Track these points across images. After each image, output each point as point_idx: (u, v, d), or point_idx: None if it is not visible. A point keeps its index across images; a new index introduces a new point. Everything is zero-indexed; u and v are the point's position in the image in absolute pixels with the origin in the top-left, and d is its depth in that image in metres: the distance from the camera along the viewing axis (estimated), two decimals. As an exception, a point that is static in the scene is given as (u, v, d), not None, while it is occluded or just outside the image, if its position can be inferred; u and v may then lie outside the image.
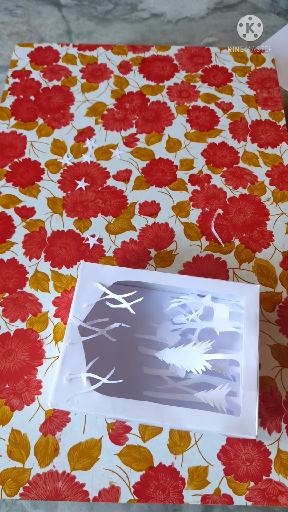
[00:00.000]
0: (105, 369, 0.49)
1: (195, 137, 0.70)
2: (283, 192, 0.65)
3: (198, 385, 0.51)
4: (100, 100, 0.74)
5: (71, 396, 0.45)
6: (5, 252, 0.60)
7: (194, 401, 0.49)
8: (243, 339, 0.48)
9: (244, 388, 0.45)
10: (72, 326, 0.49)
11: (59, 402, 0.45)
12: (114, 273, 0.52)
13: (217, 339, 0.53)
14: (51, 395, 0.45)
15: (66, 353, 0.47)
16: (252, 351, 0.47)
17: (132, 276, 0.51)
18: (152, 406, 0.45)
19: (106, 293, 0.51)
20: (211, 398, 0.47)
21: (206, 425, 0.44)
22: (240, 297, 0.51)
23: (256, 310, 0.49)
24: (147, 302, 0.55)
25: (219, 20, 0.89)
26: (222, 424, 0.44)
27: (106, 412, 0.45)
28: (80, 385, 0.46)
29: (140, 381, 0.52)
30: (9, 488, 0.47)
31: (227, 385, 0.48)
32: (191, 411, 0.45)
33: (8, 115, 0.72)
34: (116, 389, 0.50)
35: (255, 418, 0.44)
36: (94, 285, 0.51)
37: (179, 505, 0.48)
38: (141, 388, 0.51)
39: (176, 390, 0.51)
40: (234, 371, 0.51)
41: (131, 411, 0.45)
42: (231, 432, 0.43)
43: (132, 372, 0.52)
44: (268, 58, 0.79)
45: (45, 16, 0.89)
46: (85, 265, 0.52)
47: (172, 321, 0.54)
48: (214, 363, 0.50)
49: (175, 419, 0.44)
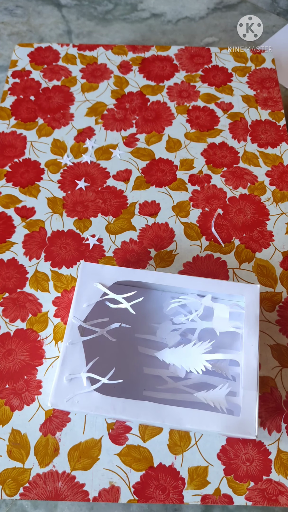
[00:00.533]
0: (105, 369, 0.49)
1: (195, 137, 0.70)
2: (283, 192, 0.65)
3: (198, 385, 0.51)
4: (100, 100, 0.74)
5: (71, 396, 0.45)
6: (5, 252, 0.60)
7: (194, 401, 0.49)
8: (243, 339, 0.48)
9: (244, 388, 0.45)
10: (72, 326, 0.49)
11: (59, 402, 0.45)
12: (114, 273, 0.52)
13: (217, 339, 0.53)
14: (51, 395, 0.45)
15: (66, 353, 0.47)
16: (252, 351, 0.47)
17: (132, 276, 0.51)
18: (152, 406, 0.45)
19: (106, 293, 0.51)
20: (211, 398, 0.47)
21: (206, 425, 0.44)
22: (240, 297, 0.51)
23: (256, 310, 0.49)
24: (147, 302, 0.55)
25: (219, 20, 0.89)
26: (222, 424, 0.44)
27: (106, 412, 0.45)
28: (80, 385, 0.46)
29: (140, 381, 0.52)
30: (9, 488, 0.47)
31: (227, 385, 0.48)
32: (191, 411, 0.45)
33: (8, 115, 0.72)
34: (116, 389, 0.50)
35: (255, 418, 0.44)
36: (94, 285, 0.51)
37: (179, 505, 0.48)
38: (141, 388, 0.51)
39: (176, 390, 0.51)
40: (234, 371, 0.51)
41: (131, 411, 0.45)
42: (231, 432, 0.43)
43: (132, 372, 0.52)
44: (268, 58, 0.79)
45: (45, 16, 0.89)
46: (85, 265, 0.52)
47: (172, 321, 0.54)
48: (214, 363, 0.50)
49: (175, 419, 0.44)
